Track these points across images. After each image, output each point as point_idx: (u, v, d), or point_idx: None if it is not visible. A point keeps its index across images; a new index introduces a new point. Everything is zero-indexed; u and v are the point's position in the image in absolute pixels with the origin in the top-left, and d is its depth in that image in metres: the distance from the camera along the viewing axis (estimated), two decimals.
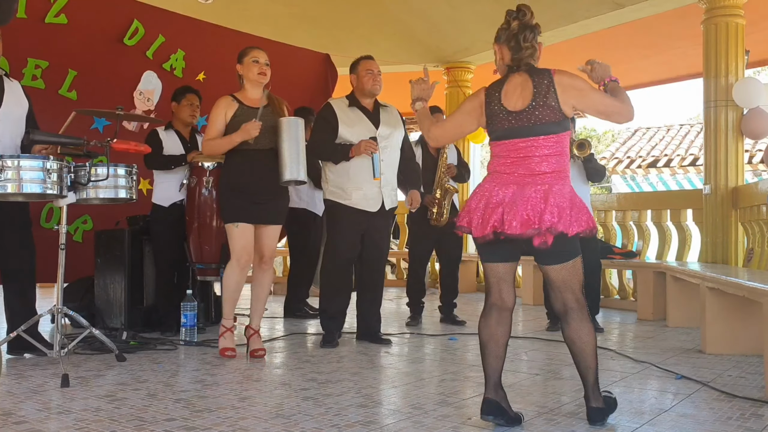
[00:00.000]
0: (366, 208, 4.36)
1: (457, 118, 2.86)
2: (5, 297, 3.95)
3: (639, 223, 6.95)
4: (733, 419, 2.68)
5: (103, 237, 5.05)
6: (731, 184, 6.06)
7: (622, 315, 6.32)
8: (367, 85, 4.45)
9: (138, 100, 5.61)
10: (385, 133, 4.43)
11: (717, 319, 4.19)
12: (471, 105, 2.79)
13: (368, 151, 4.27)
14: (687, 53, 8.12)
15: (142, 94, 5.63)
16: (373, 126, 4.41)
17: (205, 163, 4.56)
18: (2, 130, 3.70)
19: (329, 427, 2.51)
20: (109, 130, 4.66)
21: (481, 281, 8.69)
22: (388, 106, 4.60)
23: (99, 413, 2.69)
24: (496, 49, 2.76)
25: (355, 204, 4.35)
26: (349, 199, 4.35)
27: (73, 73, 5.19)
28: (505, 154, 2.68)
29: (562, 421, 2.62)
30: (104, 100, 4.98)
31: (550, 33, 7.56)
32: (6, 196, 3.42)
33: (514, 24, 2.68)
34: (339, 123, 4.35)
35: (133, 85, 5.60)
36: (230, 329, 4.02)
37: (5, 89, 3.79)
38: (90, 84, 5.24)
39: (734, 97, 6.04)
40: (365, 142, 4.27)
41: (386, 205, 4.42)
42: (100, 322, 4.76)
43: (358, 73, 4.49)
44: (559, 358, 4.01)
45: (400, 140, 4.56)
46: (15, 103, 3.82)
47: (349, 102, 4.47)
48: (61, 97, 5.12)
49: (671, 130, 16.63)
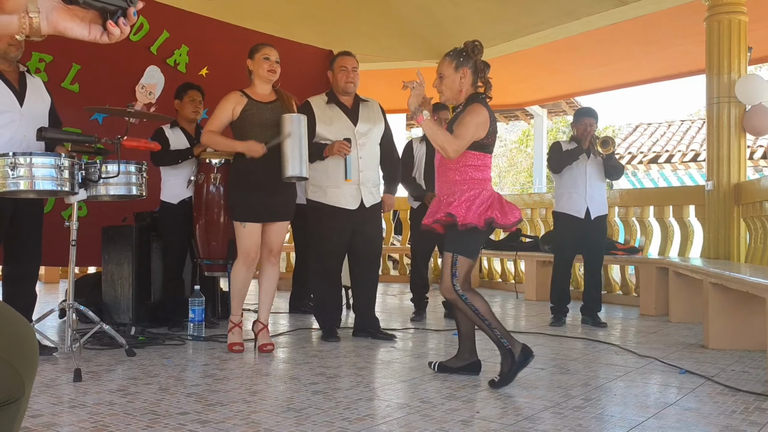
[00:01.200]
0: (345, 206, 4.39)
1: (473, 132, 3.26)
2: (6, 294, 3.92)
3: (641, 219, 6.99)
4: (737, 413, 2.72)
5: (111, 233, 5.10)
6: (733, 180, 6.09)
7: (624, 310, 6.37)
8: (340, 81, 4.47)
9: (140, 93, 5.65)
10: (364, 129, 4.45)
11: (720, 314, 4.23)
12: (482, 118, 3.26)
13: (341, 152, 4.28)
14: (689, 50, 8.13)
15: (144, 87, 5.68)
16: (351, 123, 4.43)
17: (213, 160, 4.60)
18: (26, 126, 3.73)
19: (340, 420, 2.56)
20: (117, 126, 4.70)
21: (484, 276, 8.74)
22: (369, 101, 4.61)
23: (113, 407, 2.73)
24: (463, 72, 3.32)
25: (334, 202, 4.39)
26: (326, 197, 4.39)
27: (76, 66, 5.23)
28: (490, 165, 3.38)
29: (569, 415, 2.67)
30: (106, 93, 5.04)
31: (552, 30, 7.59)
32: (18, 193, 3.46)
33: (480, 58, 3.34)
34: (317, 121, 4.37)
35: (136, 79, 5.64)
36: (238, 325, 4.06)
37: (27, 85, 3.83)
38: (93, 77, 5.29)
39: (737, 93, 6.06)
40: (339, 143, 4.28)
41: (366, 203, 4.44)
42: (107, 317, 4.80)
43: (334, 70, 4.52)
44: (564, 353, 4.05)
45: (380, 136, 4.57)
46: (37, 99, 3.87)
47: (328, 99, 4.49)
48: (64, 90, 5.15)
49: (672, 126, 16.65)
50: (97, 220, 5.24)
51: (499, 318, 3.30)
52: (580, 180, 5.20)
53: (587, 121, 5.21)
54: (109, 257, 5.09)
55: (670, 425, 2.54)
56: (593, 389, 3.12)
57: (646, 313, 6.01)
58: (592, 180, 5.21)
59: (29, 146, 3.66)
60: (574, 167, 5.19)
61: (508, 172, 26.76)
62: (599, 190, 5.28)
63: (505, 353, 3.18)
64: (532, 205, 8.15)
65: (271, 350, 3.99)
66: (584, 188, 5.19)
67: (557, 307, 5.32)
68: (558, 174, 5.28)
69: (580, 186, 5.20)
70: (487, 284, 8.66)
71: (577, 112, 5.45)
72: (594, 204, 5.20)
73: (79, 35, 1.22)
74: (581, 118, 5.27)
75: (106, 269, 5.13)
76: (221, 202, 4.57)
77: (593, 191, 5.21)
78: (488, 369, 3.45)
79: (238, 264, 4.01)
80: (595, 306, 5.28)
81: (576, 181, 5.21)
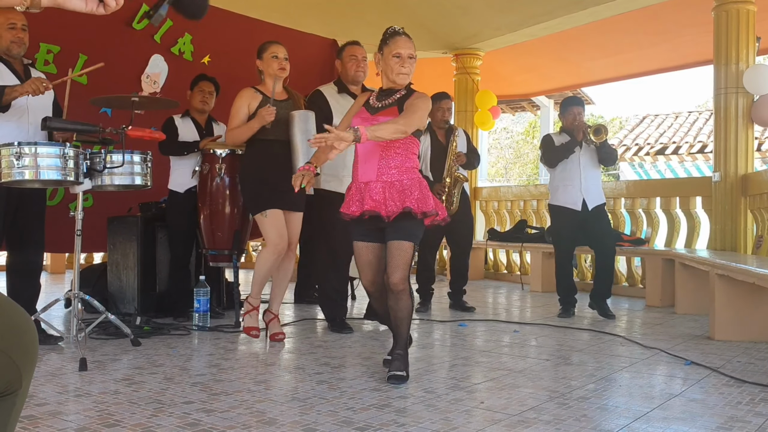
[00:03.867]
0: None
1: (422, 117, 3.17)
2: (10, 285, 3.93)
3: (648, 210, 6.96)
4: (743, 404, 2.71)
5: (116, 223, 5.11)
6: (741, 171, 6.06)
7: (630, 302, 6.35)
8: (350, 71, 4.46)
9: (145, 83, 5.65)
10: None
11: (726, 305, 4.22)
12: (429, 110, 3.28)
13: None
14: (696, 40, 8.09)
15: (149, 77, 5.68)
16: None
17: (218, 150, 4.60)
18: (32, 119, 3.75)
19: (344, 410, 2.56)
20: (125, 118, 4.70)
21: (489, 268, 8.73)
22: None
23: (118, 396, 2.74)
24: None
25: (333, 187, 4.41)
26: (342, 186, 4.25)
27: (83, 57, 5.23)
28: None
29: (574, 405, 2.66)
30: (113, 83, 5.03)
31: (560, 20, 7.55)
32: (24, 182, 3.47)
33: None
34: (332, 112, 4.36)
35: (141, 68, 5.65)
36: (256, 308, 4.08)
37: (32, 77, 3.84)
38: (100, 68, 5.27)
39: (744, 83, 6.02)
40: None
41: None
42: (113, 307, 4.82)
43: (343, 59, 4.50)
44: (568, 344, 4.05)
45: None
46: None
47: (338, 89, 4.48)
48: (72, 82, 5.14)
49: (679, 117, 16.58)
50: (103, 209, 5.25)
51: (506, 309, 3.30)
52: (575, 172, 5.16)
53: (575, 110, 5.18)
54: (114, 247, 5.10)
55: (675, 416, 2.54)
56: (598, 380, 3.12)
57: (652, 305, 6.00)
58: (587, 170, 5.17)
59: (35, 136, 3.67)
60: (568, 160, 5.15)
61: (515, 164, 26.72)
62: (595, 180, 5.23)
63: (406, 354, 3.13)
64: (538, 197, 8.13)
65: (282, 339, 4.01)
66: (579, 180, 5.15)
67: (564, 299, 5.31)
68: (552, 167, 5.26)
69: (575, 178, 5.16)
70: (492, 276, 8.65)
71: (563, 102, 5.40)
72: (590, 195, 5.17)
73: (77, 7, 1.22)
74: (568, 108, 5.23)
75: (111, 259, 5.14)
76: (226, 192, 4.57)
77: (588, 182, 5.17)
78: (494, 365, 3.44)
79: (268, 252, 3.98)
80: (605, 292, 5.23)
81: (571, 173, 5.17)
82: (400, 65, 3.17)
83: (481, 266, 8.74)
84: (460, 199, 5.48)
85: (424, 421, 2.42)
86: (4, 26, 3.74)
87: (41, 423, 2.35)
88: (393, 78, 3.19)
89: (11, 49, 3.77)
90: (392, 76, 3.19)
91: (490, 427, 2.37)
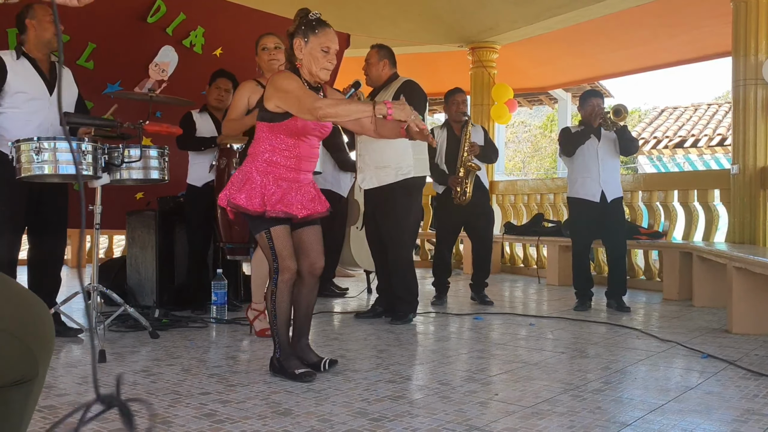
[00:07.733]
0: (364, 187, 4.61)
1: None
2: (31, 277, 3.96)
3: (665, 203, 6.90)
4: (760, 397, 2.69)
5: (135, 217, 5.16)
6: (760, 163, 6.00)
7: (648, 295, 6.32)
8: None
9: (153, 70, 5.68)
10: None
11: (744, 298, 4.19)
12: None
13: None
14: (715, 31, 7.99)
15: (158, 65, 5.71)
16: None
17: (234, 145, 4.62)
18: (54, 113, 3.78)
19: (359, 401, 2.58)
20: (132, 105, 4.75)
21: (506, 262, 8.71)
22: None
23: (136, 387, 2.78)
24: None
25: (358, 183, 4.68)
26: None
27: (92, 45, 5.28)
28: None
29: (588, 398, 2.66)
30: (120, 70, 5.11)
31: (576, 12, 7.49)
32: (43, 177, 3.52)
33: None
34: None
35: (150, 57, 5.67)
36: (263, 312, 4.10)
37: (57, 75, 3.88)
38: (107, 55, 5.34)
39: (764, 75, 5.95)
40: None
41: (364, 186, 4.59)
42: (132, 300, 4.88)
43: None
44: (584, 338, 4.04)
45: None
46: (66, 89, 3.92)
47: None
48: (78, 67, 5.19)
49: (698, 109, 16.40)
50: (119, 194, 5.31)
51: (522, 303, 3.29)
52: (593, 163, 5.13)
53: (594, 102, 5.14)
54: (133, 241, 5.16)
55: (690, 408, 2.53)
56: (613, 372, 3.11)
57: (670, 298, 5.96)
58: (605, 163, 5.14)
59: (56, 132, 3.72)
60: (586, 151, 5.12)
61: (533, 158, 26.58)
62: (613, 172, 5.20)
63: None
64: (556, 190, 8.09)
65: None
66: (597, 172, 5.12)
67: (581, 292, 5.29)
68: (570, 159, 5.23)
69: (593, 170, 5.13)
70: (508, 269, 8.63)
71: (583, 95, 5.36)
72: (609, 187, 5.14)
73: None
74: (588, 100, 5.20)
75: (130, 253, 5.20)
76: None
77: (607, 175, 5.14)
78: (509, 357, 3.43)
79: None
80: (620, 290, 5.23)
81: (588, 165, 5.14)
82: (328, 60, 3.01)
83: (498, 260, 8.72)
84: (480, 192, 5.46)
85: (438, 413, 2.44)
86: (47, 20, 3.71)
87: (61, 413, 2.39)
88: (316, 72, 3.00)
89: (53, 42, 3.79)
90: (316, 70, 3.00)
91: (504, 418, 2.38)
